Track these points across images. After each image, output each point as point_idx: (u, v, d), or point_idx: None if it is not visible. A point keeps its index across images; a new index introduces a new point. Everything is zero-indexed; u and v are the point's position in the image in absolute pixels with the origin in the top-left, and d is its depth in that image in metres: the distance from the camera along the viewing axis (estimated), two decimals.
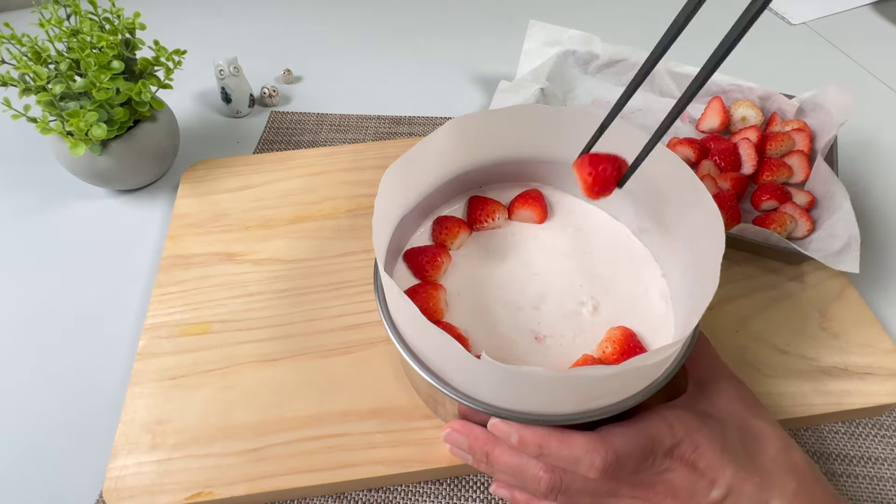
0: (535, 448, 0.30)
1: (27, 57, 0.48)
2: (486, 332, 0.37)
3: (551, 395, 0.30)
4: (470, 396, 0.31)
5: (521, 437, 0.30)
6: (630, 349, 0.35)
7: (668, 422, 0.31)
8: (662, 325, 0.37)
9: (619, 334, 0.36)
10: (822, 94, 0.56)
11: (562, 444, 0.29)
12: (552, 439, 0.30)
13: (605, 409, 0.30)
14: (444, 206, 0.43)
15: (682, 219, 0.37)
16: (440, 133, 0.36)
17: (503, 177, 0.44)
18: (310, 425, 0.39)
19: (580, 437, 0.30)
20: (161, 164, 0.57)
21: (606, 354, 0.35)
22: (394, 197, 0.36)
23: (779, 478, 0.31)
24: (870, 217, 0.55)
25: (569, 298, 0.39)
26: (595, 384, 0.29)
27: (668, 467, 0.30)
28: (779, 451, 0.32)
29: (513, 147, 0.41)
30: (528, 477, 0.31)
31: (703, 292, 0.31)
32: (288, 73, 0.71)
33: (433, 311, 0.37)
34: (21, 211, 0.56)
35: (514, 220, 0.43)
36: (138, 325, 0.46)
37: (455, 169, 0.41)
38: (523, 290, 0.39)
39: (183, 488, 0.37)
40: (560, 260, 0.41)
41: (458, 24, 0.82)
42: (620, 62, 0.64)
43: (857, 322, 0.45)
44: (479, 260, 0.41)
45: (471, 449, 0.33)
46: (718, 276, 0.29)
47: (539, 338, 0.37)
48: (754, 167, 0.54)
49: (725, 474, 0.30)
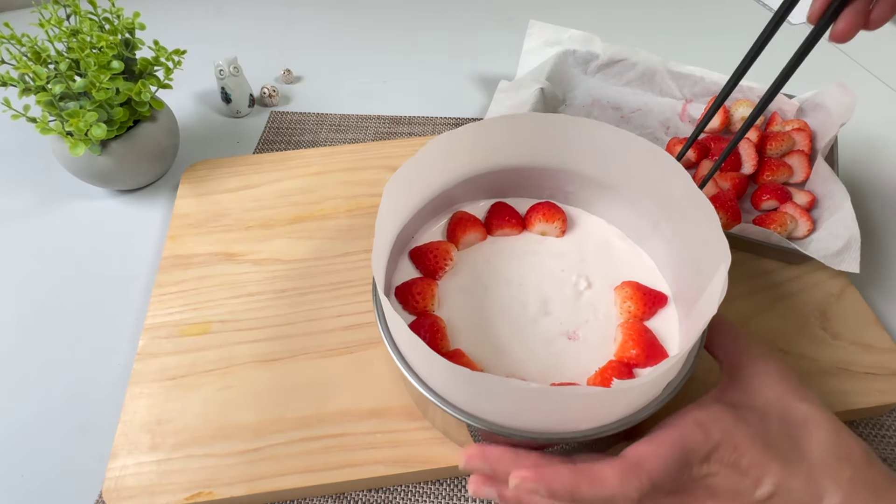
0: (567, 496, 0.28)
1: (27, 57, 0.48)
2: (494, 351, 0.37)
3: (561, 412, 0.29)
4: (483, 419, 0.30)
5: (550, 489, 0.28)
6: (651, 347, 0.35)
7: (702, 426, 0.29)
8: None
9: (635, 332, 0.36)
10: (823, 94, 0.56)
11: (593, 485, 0.27)
12: (582, 484, 0.27)
13: (623, 421, 0.29)
14: (466, 203, 0.44)
15: (680, 223, 0.37)
16: (459, 133, 0.36)
17: (521, 186, 0.44)
18: (310, 425, 0.39)
19: (610, 472, 0.28)
20: (161, 164, 0.57)
21: (632, 357, 0.35)
22: (406, 192, 0.36)
23: (831, 466, 0.28)
24: (870, 217, 0.55)
25: (564, 287, 0.40)
26: (607, 399, 0.28)
27: (707, 472, 0.28)
28: (828, 437, 0.29)
29: (532, 155, 0.41)
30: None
31: (705, 286, 0.31)
32: (288, 73, 0.71)
33: (431, 317, 0.37)
34: (21, 211, 0.56)
35: (532, 231, 0.43)
36: (138, 325, 0.46)
37: (474, 170, 0.41)
38: (524, 303, 0.39)
39: (183, 488, 0.37)
40: (555, 263, 0.41)
41: (459, 24, 0.82)
42: (620, 62, 0.64)
43: (858, 322, 0.45)
44: (482, 269, 0.41)
45: (502, 497, 0.30)
46: (726, 280, 0.29)
47: (571, 336, 0.37)
48: (754, 167, 0.54)
49: (771, 471, 0.28)
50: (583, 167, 0.40)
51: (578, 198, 0.44)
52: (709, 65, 0.62)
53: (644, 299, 0.37)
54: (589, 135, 0.38)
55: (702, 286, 0.33)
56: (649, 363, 0.35)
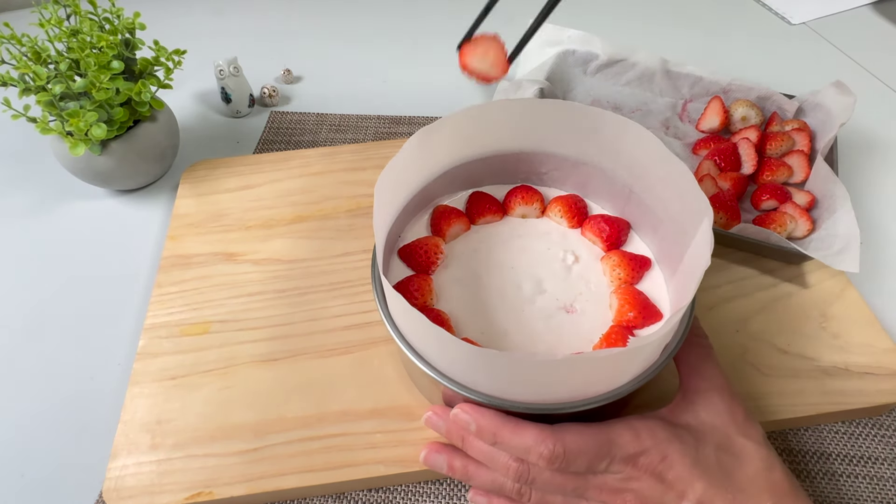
0: (490, 436, 0.31)
1: (27, 57, 0.48)
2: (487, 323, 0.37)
3: (537, 382, 0.30)
4: (458, 382, 0.31)
5: (479, 425, 0.31)
6: (646, 309, 0.37)
7: (635, 430, 0.31)
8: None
9: (629, 296, 0.37)
10: (822, 94, 0.56)
11: (514, 433, 0.30)
12: (505, 428, 0.30)
13: (600, 396, 0.31)
14: (445, 196, 0.44)
15: (655, 187, 0.38)
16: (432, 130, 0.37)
17: (496, 174, 0.45)
18: (310, 425, 0.39)
19: (532, 428, 0.30)
20: (161, 164, 0.57)
21: (630, 319, 0.36)
22: (391, 192, 0.37)
23: (754, 495, 0.30)
24: (870, 217, 0.55)
25: (553, 264, 0.41)
26: (586, 367, 0.29)
27: (632, 475, 0.30)
28: (759, 470, 0.31)
29: (505, 142, 0.42)
30: (498, 465, 0.32)
31: (693, 262, 0.32)
32: (288, 73, 0.71)
33: (426, 299, 0.38)
34: (21, 211, 0.56)
35: (513, 215, 0.44)
36: (138, 325, 0.46)
37: (451, 163, 0.42)
38: (518, 285, 0.40)
39: (183, 488, 0.37)
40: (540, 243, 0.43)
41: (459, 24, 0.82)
42: (620, 62, 0.64)
43: (857, 322, 0.45)
44: (474, 254, 0.42)
45: (448, 433, 0.34)
46: (711, 234, 0.30)
47: (568, 309, 0.38)
48: (754, 167, 0.54)
49: (695, 488, 0.30)
50: (555, 148, 0.42)
51: (553, 178, 0.45)
52: (709, 65, 0.62)
53: (631, 264, 0.39)
54: (559, 116, 0.39)
55: (685, 244, 0.35)
56: (647, 324, 0.37)
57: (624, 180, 0.41)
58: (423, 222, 0.43)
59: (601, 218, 0.42)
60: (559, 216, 0.43)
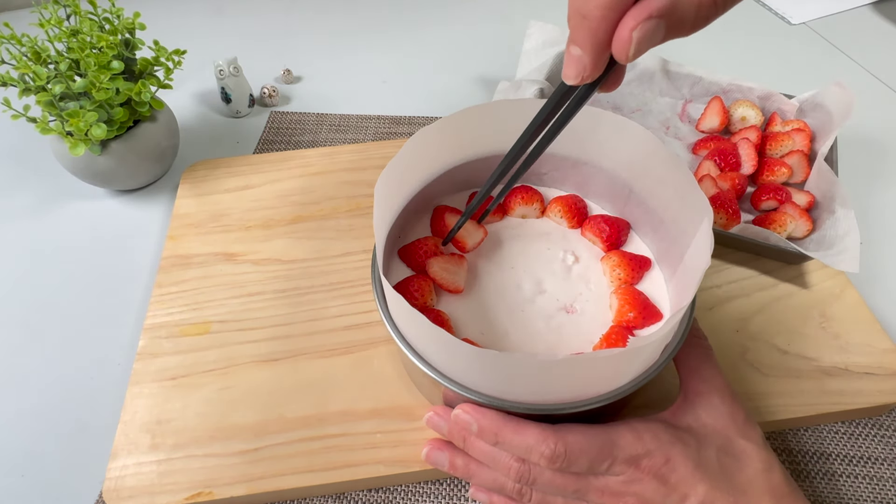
0: (491, 436, 0.31)
1: (27, 57, 0.48)
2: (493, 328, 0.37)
3: (536, 383, 0.30)
4: (458, 383, 0.32)
5: (480, 425, 0.31)
6: (646, 309, 0.37)
7: (637, 431, 0.31)
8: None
9: (629, 296, 0.37)
10: (822, 94, 0.56)
11: (515, 432, 0.30)
12: (507, 428, 0.31)
13: (601, 397, 0.31)
14: (445, 196, 0.44)
15: (655, 187, 0.38)
16: (432, 129, 0.37)
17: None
18: (310, 425, 0.39)
19: (534, 427, 0.30)
20: (161, 164, 0.57)
21: (630, 319, 0.36)
22: (391, 192, 0.37)
23: (754, 497, 0.30)
24: (870, 217, 0.55)
25: (553, 264, 0.41)
26: (586, 367, 0.29)
27: (634, 477, 0.30)
28: (758, 472, 0.31)
29: (504, 143, 0.42)
30: (500, 465, 0.32)
31: (693, 263, 0.32)
32: (288, 73, 0.71)
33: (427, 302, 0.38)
34: (21, 211, 0.56)
35: (513, 215, 0.44)
36: (138, 325, 0.46)
37: (451, 163, 0.42)
38: (518, 285, 0.40)
39: (183, 488, 0.37)
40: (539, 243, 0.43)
41: (458, 24, 0.82)
42: None
43: (857, 322, 0.45)
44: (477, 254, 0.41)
45: (450, 433, 0.34)
46: (711, 242, 0.30)
47: (569, 310, 0.38)
48: (754, 167, 0.54)
49: (697, 491, 0.30)
50: (554, 148, 0.42)
51: (552, 178, 0.45)
52: (709, 65, 0.62)
53: (631, 265, 0.39)
54: None
55: (685, 244, 0.35)
56: (647, 324, 0.37)
57: (624, 180, 0.41)
58: (423, 222, 0.43)
59: (601, 218, 0.42)
60: (559, 216, 0.43)
